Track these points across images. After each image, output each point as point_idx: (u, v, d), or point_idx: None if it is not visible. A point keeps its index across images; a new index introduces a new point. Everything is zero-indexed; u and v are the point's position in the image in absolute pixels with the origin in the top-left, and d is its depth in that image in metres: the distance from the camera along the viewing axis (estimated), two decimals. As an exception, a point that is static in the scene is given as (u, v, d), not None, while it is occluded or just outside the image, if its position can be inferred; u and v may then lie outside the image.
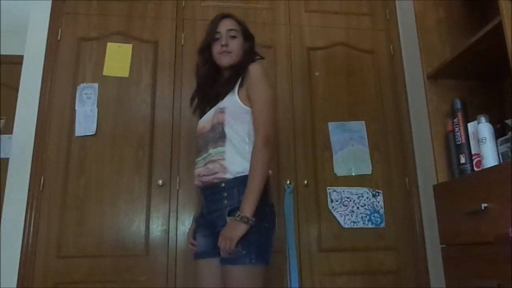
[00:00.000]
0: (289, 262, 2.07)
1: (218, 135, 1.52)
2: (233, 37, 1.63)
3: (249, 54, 1.67)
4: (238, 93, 1.55)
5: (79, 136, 2.14)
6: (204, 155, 1.56)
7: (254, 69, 1.54)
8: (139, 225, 2.09)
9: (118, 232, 2.07)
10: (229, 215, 1.43)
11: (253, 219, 1.36)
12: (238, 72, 1.59)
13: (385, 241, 2.25)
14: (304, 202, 2.24)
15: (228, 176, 1.47)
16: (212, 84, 1.66)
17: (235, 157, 1.48)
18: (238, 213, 1.37)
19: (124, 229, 2.07)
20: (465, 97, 1.65)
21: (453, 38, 1.75)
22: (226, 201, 1.45)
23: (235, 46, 1.62)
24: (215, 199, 1.50)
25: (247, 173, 1.44)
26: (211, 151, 1.53)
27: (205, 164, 1.54)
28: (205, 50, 1.67)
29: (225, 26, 1.64)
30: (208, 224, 1.55)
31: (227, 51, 1.61)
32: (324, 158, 2.32)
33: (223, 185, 1.47)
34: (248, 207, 1.37)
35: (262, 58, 1.74)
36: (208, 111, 1.64)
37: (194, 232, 1.65)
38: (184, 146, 2.20)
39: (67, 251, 2.01)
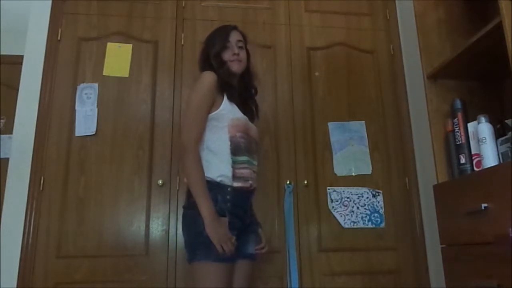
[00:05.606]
0: (289, 262, 2.07)
1: None
2: (241, 47, 1.74)
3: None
4: None
5: (79, 136, 2.14)
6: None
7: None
8: (139, 225, 2.09)
9: (118, 232, 2.07)
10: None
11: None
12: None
13: (385, 241, 2.25)
14: (304, 202, 2.24)
15: None
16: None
17: None
18: None
19: (124, 229, 2.07)
20: (465, 97, 1.64)
21: (453, 38, 1.75)
22: None
23: (243, 56, 1.74)
24: None
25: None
26: None
27: None
28: (218, 56, 1.73)
29: (235, 37, 1.73)
30: None
31: (238, 60, 1.70)
32: (324, 158, 2.32)
33: None
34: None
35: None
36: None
37: None
38: (184, 146, 2.20)
39: (67, 251, 2.01)
